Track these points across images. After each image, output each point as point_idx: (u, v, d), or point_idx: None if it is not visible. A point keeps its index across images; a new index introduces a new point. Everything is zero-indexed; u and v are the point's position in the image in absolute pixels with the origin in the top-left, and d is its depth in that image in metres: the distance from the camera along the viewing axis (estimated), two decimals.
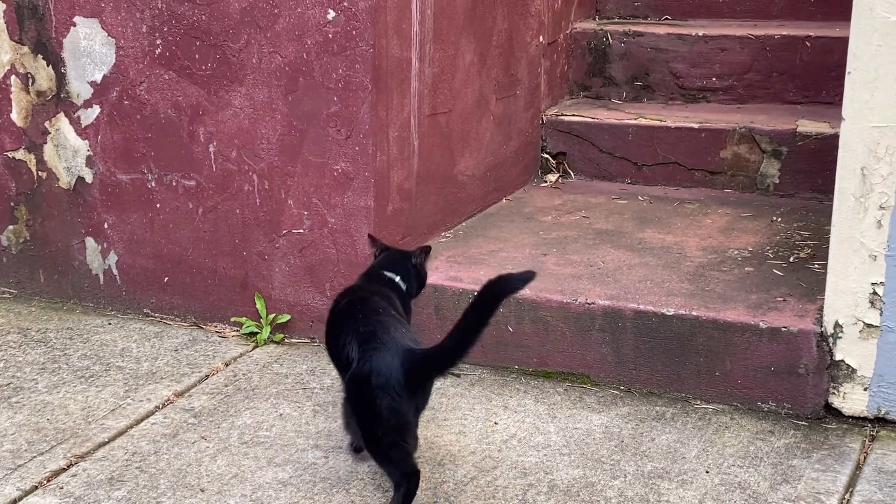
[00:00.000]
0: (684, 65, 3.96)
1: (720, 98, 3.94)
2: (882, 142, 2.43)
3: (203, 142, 3.08)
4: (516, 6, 3.62)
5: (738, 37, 3.89)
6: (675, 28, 4.03)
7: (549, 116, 3.90)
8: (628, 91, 4.06)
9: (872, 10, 2.39)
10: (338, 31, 2.87)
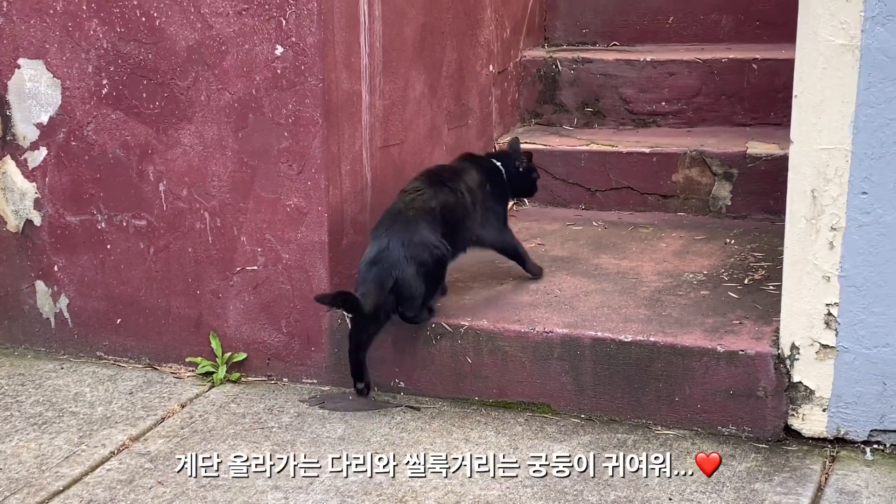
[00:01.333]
0: (634, 90, 3.99)
1: (670, 122, 3.97)
2: (831, 164, 2.45)
3: (153, 181, 3.04)
4: (465, 37, 3.63)
5: (686, 61, 3.93)
6: (624, 54, 4.06)
7: (502, 145, 3.90)
8: (579, 117, 4.08)
9: (817, 33, 2.42)
10: (286, 67, 2.86)
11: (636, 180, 3.74)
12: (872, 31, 2.37)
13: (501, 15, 3.91)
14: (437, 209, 2.83)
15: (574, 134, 3.98)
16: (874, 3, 2.35)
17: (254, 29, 2.86)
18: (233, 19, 2.87)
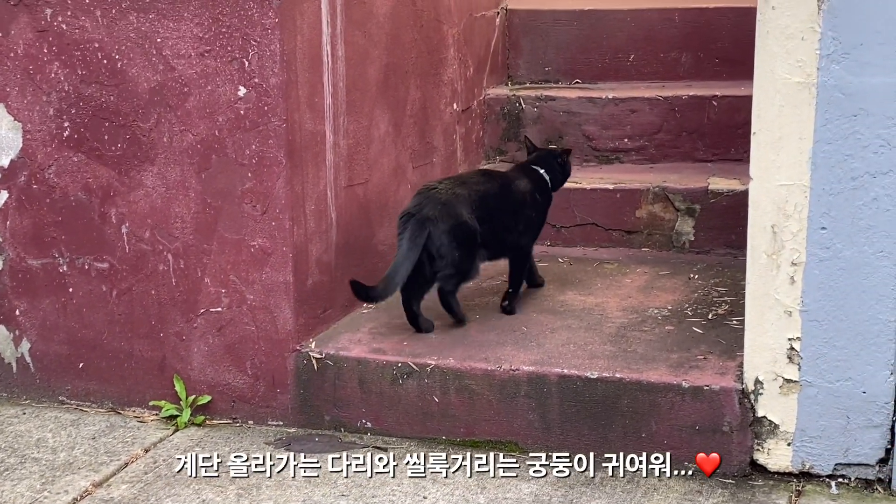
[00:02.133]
0: (596, 127, 4.02)
1: (633, 158, 4.00)
2: (790, 199, 2.48)
3: (115, 223, 3.03)
4: (429, 76, 3.65)
5: (648, 98, 3.97)
6: (586, 91, 4.09)
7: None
8: None
9: (774, 71, 2.45)
10: (250, 108, 2.86)
11: (600, 216, 3.76)
12: (828, 68, 2.41)
13: (465, 54, 3.94)
14: (475, 202, 3.07)
15: None
16: (829, 41, 2.39)
17: (216, 70, 2.86)
18: (195, 61, 2.87)
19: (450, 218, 2.98)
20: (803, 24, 2.41)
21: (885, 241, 2.43)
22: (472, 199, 3.06)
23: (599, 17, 4.26)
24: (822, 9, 2.38)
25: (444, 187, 3.06)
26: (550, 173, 3.30)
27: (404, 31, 3.44)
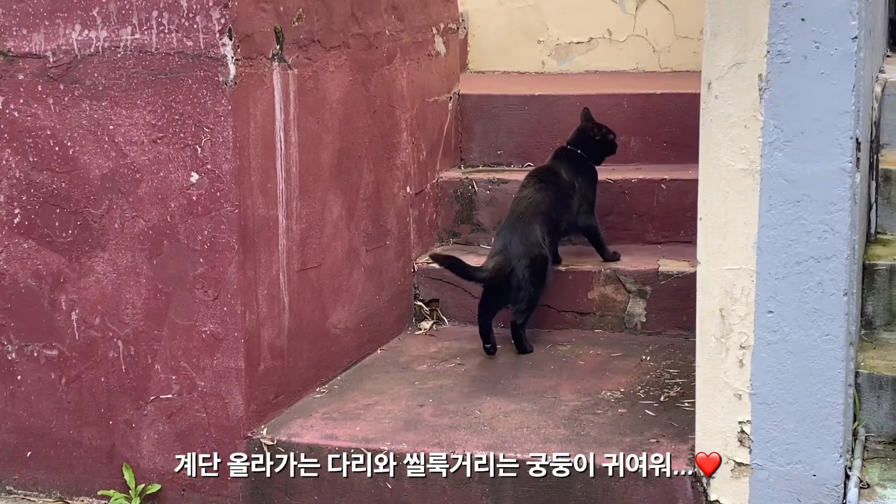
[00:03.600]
0: None
1: (584, 240, 4.03)
2: (737, 283, 2.51)
3: (65, 310, 3.00)
4: (382, 160, 3.68)
5: (598, 181, 4.01)
6: None
7: (421, 264, 3.94)
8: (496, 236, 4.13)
9: (718, 158, 2.51)
10: (202, 194, 2.87)
11: (553, 298, 3.79)
12: (771, 155, 2.47)
13: (418, 138, 3.98)
14: (546, 211, 3.61)
15: None
16: (771, 129, 2.46)
17: (169, 157, 2.87)
18: (148, 147, 2.88)
19: (529, 254, 3.51)
20: (746, 112, 2.47)
21: (832, 325, 2.47)
22: (542, 217, 3.59)
23: (550, 101, 4.33)
24: (764, 98, 2.45)
25: (526, 215, 3.57)
26: (587, 150, 3.81)
27: (357, 117, 3.48)
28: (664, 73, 4.17)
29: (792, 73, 2.42)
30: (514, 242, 3.51)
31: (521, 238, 3.51)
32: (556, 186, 3.70)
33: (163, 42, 2.82)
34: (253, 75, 2.89)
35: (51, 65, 2.90)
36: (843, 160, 2.42)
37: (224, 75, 2.81)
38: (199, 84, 2.82)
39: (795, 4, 2.39)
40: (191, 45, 2.81)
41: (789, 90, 2.43)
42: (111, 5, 2.83)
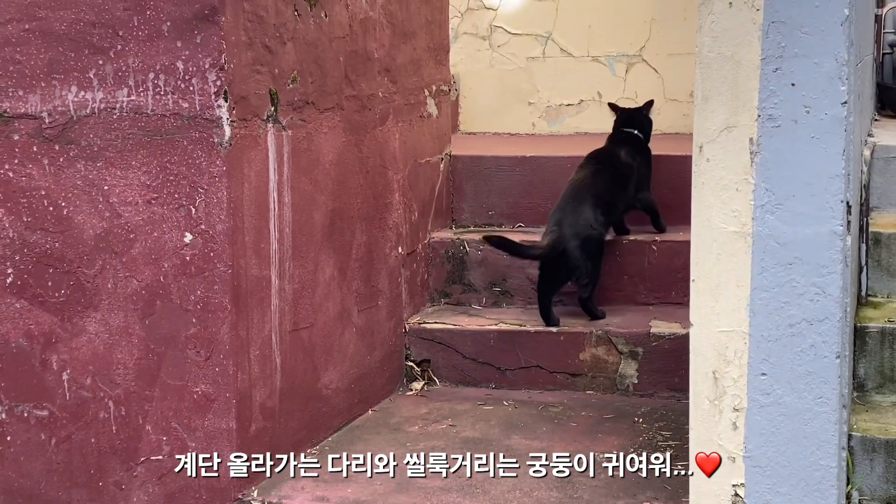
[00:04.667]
0: None
1: (576, 301, 4.04)
2: (730, 346, 2.52)
3: (56, 370, 2.99)
4: (374, 220, 3.70)
5: None
6: (529, 235, 4.16)
7: (412, 325, 3.94)
8: (488, 297, 4.14)
9: (710, 221, 2.53)
10: (195, 254, 2.87)
11: (545, 359, 3.79)
12: (763, 218, 2.49)
13: (410, 199, 4.00)
14: (600, 192, 3.86)
15: (483, 313, 4.04)
16: (763, 192, 2.48)
17: (163, 217, 2.88)
18: (142, 208, 2.89)
19: (581, 234, 3.77)
20: (737, 176, 2.49)
21: (825, 388, 2.47)
22: (598, 198, 3.83)
23: (541, 163, 4.37)
24: (755, 162, 2.47)
25: (579, 196, 3.82)
26: (641, 130, 4.10)
27: (350, 177, 3.50)
28: (654, 135, 4.24)
29: (783, 136, 2.45)
30: (567, 222, 3.78)
31: (574, 218, 3.78)
32: (613, 168, 3.98)
33: (158, 104, 2.84)
34: (248, 137, 2.91)
35: (46, 126, 2.91)
36: (834, 223, 2.44)
37: (219, 137, 2.82)
38: (195, 145, 2.84)
39: (785, 70, 2.43)
40: (186, 107, 2.83)
41: (780, 154, 2.46)
42: (108, 67, 2.86)
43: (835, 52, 2.39)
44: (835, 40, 2.39)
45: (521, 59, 5.42)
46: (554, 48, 5.36)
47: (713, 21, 2.47)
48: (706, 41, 2.48)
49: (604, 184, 3.91)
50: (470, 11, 5.40)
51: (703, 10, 2.48)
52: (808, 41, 2.41)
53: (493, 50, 5.46)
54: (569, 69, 5.32)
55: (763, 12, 2.42)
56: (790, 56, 2.42)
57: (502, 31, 5.43)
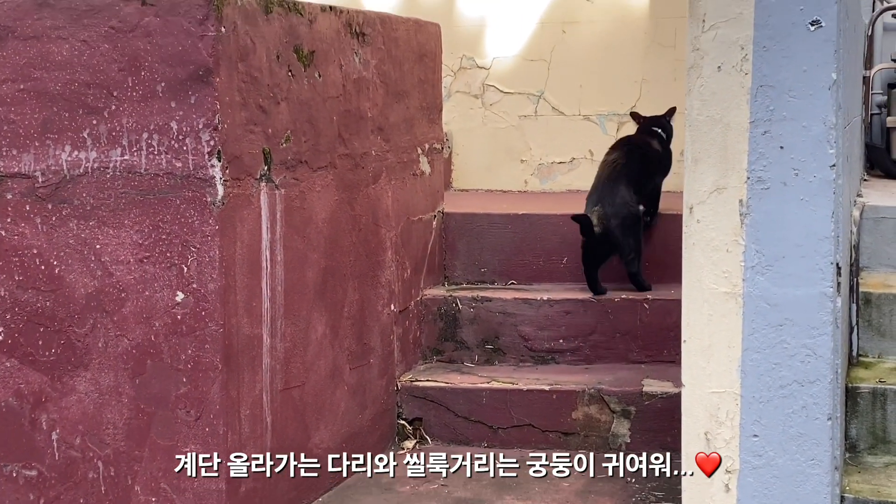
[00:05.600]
0: (532, 328, 4.08)
1: (568, 359, 4.04)
2: (722, 407, 2.52)
3: (45, 429, 2.97)
4: (367, 278, 3.70)
5: (582, 300, 4.05)
6: (522, 293, 4.17)
7: (404, 382, 3.93)
8: (480, 354, 4.14)
9: (701, 281, 2.54)
10: (187, 313, 2.87)
11: (537, 418, 3.77)
12: (753, 279, 2.50)
13: (402, 256, 4.01)
14: (633, 172, 4.17)
15: (475, 371, 4.03)
16: (753, 254, 2.49)
17: (155, 276, 2.88)
18: (134, 267, 2.89)
19: (621, 213, 4.07)
20: (727, 237, 2.51)
21: (817, 450, 2.47)
22: (630, 178, 4.12)
23: (533, 220, 4.38)
24: (745, 223, 2.49)
25: (612, 179, 4.14)
26: (664, 130, 4.39)
27: (343, 235, 3.51)
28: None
29: (772, 198, 2.47)
30: (607, 202, 4.08)
31: (612, 198, 4.08)
32: (644, 153, 4.30)
33: (152, 163, 2.86)
34: (240, 196, 2.93)
35: (39, 185, 2.92)
36: (824, 285, 2.45)
37: (212, 196, 2.84)
38: (187, 204, 2.85)
39: (774, 133, 2.46)
40: (180, 167, 2.84)
41: (770, 215, 2.47)
42: (102, 127, 2.87)
43: (823, 116, 2.42)
44: (823, 104, 2.42)
45: (513, 117, 5.47)
46: (546, 107, 5.41)
47: (702, 84, 2.50)
48: (695, 104, 2.51)
49: (636, 165, 4.22)
50: (462, 70, 5.46)
51: (692, 74, 2.51)
52: (796, 105, 2.44)
53: (485, 108, 5.50)
54: (560, 127, 5.37)
55: (751, 76, 2.46)
56: (779, 119, 2.45)
57: (494, 89, 5.49)
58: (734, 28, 2.45)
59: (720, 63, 2.48)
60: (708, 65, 2.49)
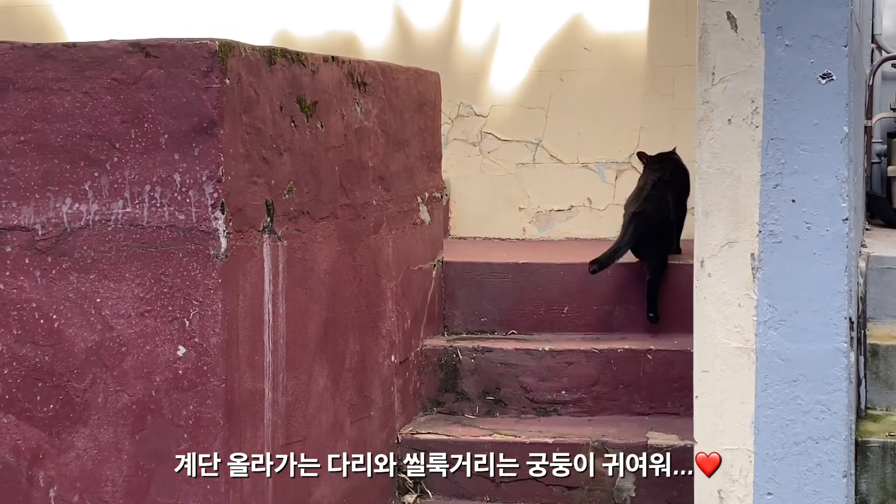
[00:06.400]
0: (534, 379, 4.04)
1: (570, 410, 4.00)
2: (735, 464, 2.48)
3: (43, 487, 2.90)
4: (368, 329, 3.66)
5: (584, 351, 4.01)
6: (523, 343, 4.13)
7: (405, 435, 3.87)
8: (481, 405, 4.09)
9: (713, 336, 2.51)
10: (189, 367, 2.82)
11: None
12: (766, 334, 2.47)
13: (402, 306, 3.97)
14: (668, 187, 4.33)
15: (477, 423, 3.98)
16: (765, 308, 2.46)
17: (156, 330, 2.84)
18: (135, 320, 2.84)
19: (659, 224, 4.22)
20: (739, 291, 2.48)
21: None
22: (671, 189, 4.32)
23: (533, 269, 4.35)
24: (757, 277, 2.46)
25: (656, 194, 4.28)
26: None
27: (344, 286, 3.47)
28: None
29: (784, 252, 2.45)
30: (648, 210, 4.23)
31: (658, 203, 4.26)
32: (679, 168, 4.45)
33: (154, 215, 2.82)
34: (244, 248, 2.89)
35: (39, 238, 2.88)
36: (838, 340, 2.43)
37: (215, 249, 2.80)
38: (190, 257, 2.81)
39: (786, 186, 2.44)
40: (183, 219, 2.81)
41: (782, 269, 2.45)
42: (103, 179, 2.84)
43: (835, 169, 2.41)
44: (835, 157, 2.40)
45: (511, 164, 5.45)
46: (544, 154, 5.39)
47: (712, 137, 2.48)
48: (706, 157, 2.49)
49: (673, 179, 4.41)
50: (460, 118, 5.45)
51: (703, 127, 2.49)
52: (807, 158, 2.42)
53: (482, 156, 5.49)
54: (559, 175, 5.36)
55: (762, 129, 2.44)
56: (790, 172, 2.43)
57: (492, 137, 5.48)
58: (744, 81, 2.44)
59: (730, 116, 2.46)
60: (718, 117, 2.47)
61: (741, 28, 2.44)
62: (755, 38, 2.43)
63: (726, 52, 2.45)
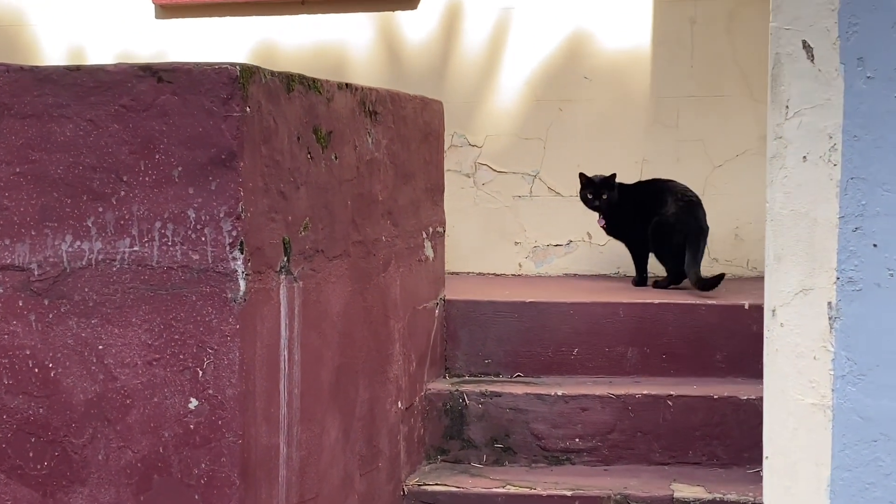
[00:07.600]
0: (545, 425, 3.82)
1: (585, 459, 3.79)
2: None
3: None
4: (377, 374, 3.42)
5: (599, 396, 3.80)
6: (533, 387, 3.91)
7: (411, 486, 3.64)
8: (489, 454, 3.86)
9: (785, 392, 2.31)
10: (201, 422, 2.56)
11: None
12: (843, 390, 2.27)
13: (408, 348, 3.74)
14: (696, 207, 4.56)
15: (486, 473, 3.75)
16: (843, 361, 2.27)
17: (165, 380, 2.58)
18: (141, 370, 2.58)
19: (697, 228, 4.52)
20: (815, 343, 2.29)
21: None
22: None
23: (542, 309, 4.14)
24: (834, 328, 2.27)
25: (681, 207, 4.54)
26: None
27: (355, 329, 3.24)
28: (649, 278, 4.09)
29: (864, 301, 2.26)
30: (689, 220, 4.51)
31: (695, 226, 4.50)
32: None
33: (165, 255, 2.57)
34: (262, 290, 2.64)
35: (35, 278, 2.61)
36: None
37: (233, 292, 2.55)
38: (205, 301, 2.56)
39: (866, 230, 2.25)
40: (197, 259, 2.55)
41: (862, 320, 2.26)
42: (108, 215, 2.58)
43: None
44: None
45: (506, 197, 5.24)
46: (541, 187, 5.19)
47: (785, 176, 2.30)
48: (778, 196, 2.30)
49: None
50: (454, 148, 5.22)
51: (774, 164, 2.30)
52: (891, 199, 2.24)
53: (477, 188, 5.27)
54: (557, 209, 5.15)
55: (840, 168, 2.26)
56: (871, 215, 2.25)
57: (487, 168, 5.26)
58: (821, 115, 2.26)
59: (806, 153, 2.27)
60: (792, 154, 2.28)
61: (818, 58, 2.26)
62: (833, 69, 2.24)
63: (802, 83, 2.26)
